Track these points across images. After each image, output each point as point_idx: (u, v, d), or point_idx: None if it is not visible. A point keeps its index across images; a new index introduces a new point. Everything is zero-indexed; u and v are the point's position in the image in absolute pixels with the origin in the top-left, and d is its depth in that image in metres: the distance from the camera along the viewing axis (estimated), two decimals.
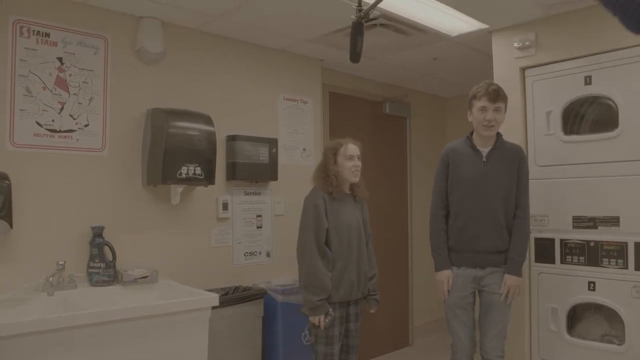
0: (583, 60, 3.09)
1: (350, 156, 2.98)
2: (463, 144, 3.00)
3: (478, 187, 2.88)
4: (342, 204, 3.00)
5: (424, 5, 3.11)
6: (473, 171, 2.91)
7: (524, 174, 2.93)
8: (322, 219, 2.89)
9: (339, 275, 2.89)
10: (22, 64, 2.72)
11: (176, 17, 3.21)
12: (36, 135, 2.76)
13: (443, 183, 3.01)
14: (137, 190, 3.14)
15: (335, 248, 2.91)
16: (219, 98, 3.55)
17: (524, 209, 2.90)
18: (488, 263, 2.86)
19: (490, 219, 2.85)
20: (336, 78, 4.61)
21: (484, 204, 2.87)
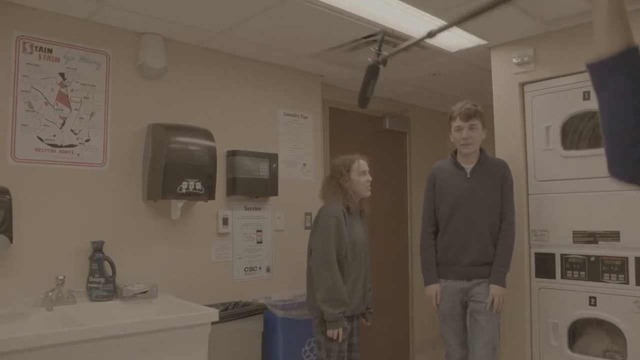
0: (581, 76, 3.10)
1: (363, 171, 3.06)
2: (448, 162, 3.16)
3: (463, 203, 3.02)
4: (355, 219, 3.08)
5: (423, 22, 3.14)
6: (458, 188, 3.05)
7: (507, 186, 3.06)
8: (344, 233, 2.94)
9: (352, 289, 2.96)
10: (25, 80, 2.74)
11: (178, 33, 3.24)
12: (37, 150, 2.77)
13: (431, 201, 3.18)
14: (137, 205, 3.14)
15: (350, 262, 2.96)
16: (219, 113, 3.56)
17: (509, 220, 3.03)
18: (473, 275, 2.99)
19: (476, 233, 2.98)
20: (336, 93, 4.64)
21: (469, 219, 3.01)
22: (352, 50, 3.65)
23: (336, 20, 3.04)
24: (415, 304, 5.33)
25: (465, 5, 2.84)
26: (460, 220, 3.02)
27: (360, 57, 3.77)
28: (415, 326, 5.34)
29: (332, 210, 2.99)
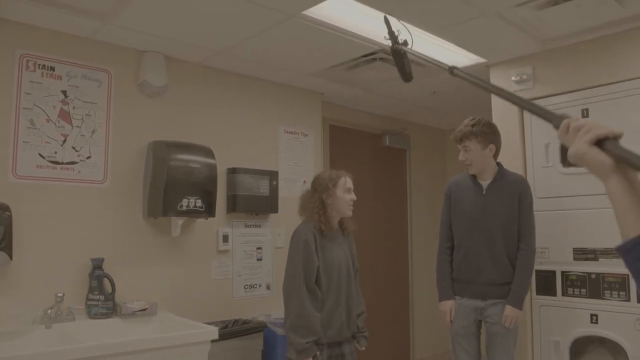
0: (580, 94, 3.14)
1: (348, 189, 2.86)
2: (465, 177, 3.08)
3: (477, 219, 2.95)
4: (332, 240, 2.84)
5: (422, 40, 3.17)
6: (473, 204, 2.98)
7: (527, 205, 2.94)
8: (312, 257, 2.71)
9: (328, 316, 2.72)
10: (27, 97, 2.77)
11: (179, 51, 3.27)
12: (38, 167, 2.78)
13: (447, 217, 3.11)
14: (137, 222, 3.14)
15: (324, 287, 2.74)
16: (220, 130, 3.58)
17: (527, 241, 2.91)
18: (488, 295, 2.90)
19: (490, 251, 2.91)
20: (336, 111, 4.66)
21: (483, 237, 2.93)
22: (352, 69, 3.68)
23: (336, 39, 3.07)
24: (416, 322, 5.30)
25: (464, 25, 2.88)
26: (475, 237, 2.94)
27: (360, 75, 3.81)
28: (416, 345, 5.30)
29: (301, 233, 2.79)
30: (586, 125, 0.94)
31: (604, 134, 0.91)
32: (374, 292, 4.75)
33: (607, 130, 0.91)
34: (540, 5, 2.72)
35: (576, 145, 0.94)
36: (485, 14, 2.77)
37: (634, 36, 2.93)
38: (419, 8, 2.70)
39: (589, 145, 0.92)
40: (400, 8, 2.70)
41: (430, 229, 5.50)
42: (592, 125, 0.93)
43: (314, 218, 2.80)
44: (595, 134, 0.92)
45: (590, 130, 0.93)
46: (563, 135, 0.99)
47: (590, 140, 0.92)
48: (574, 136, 0.95)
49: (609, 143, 0.91)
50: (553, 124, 1.03)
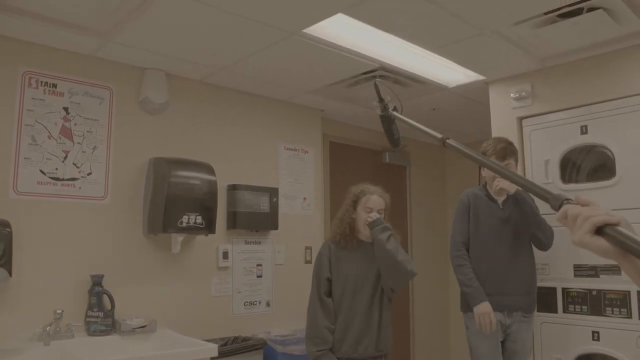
0: (578, 110, 3.15)
1: (369, 208, 2.77)
2: (480, 191, 3.09)
3: (501, 231, 2.96)
4: (353, 253, 2.78)
5: (421, 58, 3.20)
6: (494, 216, 2.99)
7: None
8: (323, 269, 2.76)
9: (341, 329, 2.67)
10: (29, 114, 2.78)
11: (180, 68, 3.29)
12: (39, 184, 2.79)
13: (464, 225, 3.02)
14: (137, 239, 3.14)
15: (337, 299, 2.71)
16: (220, 147, 3.59)
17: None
18: (515, 307, 2.89)
19: (515, 262, 2.92)
20: (336, 128, 4.68)
21: (508, 247, 2.94)
22: (352, 86, 3.71)
23: (336, 56, 3.10)
24: (416, 340, 5.27)
25: (463, 43, 2.91)
26: (498, 249, 2.92)
27: (360, 93, 3.83)
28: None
29: (322, 245, 2.88)
30: (582, 213, 0.93)
31: (601, 221, 0.90)
32: None
33: (603, 218, 0.90)
34: (538, 24, 2.75)
35: (576, 235, 0.93)
36: (484, 32, 2.80)
37: (631, 53, 2.96)
38: (418, 26, 2.73)
39: (589, 235, 0.91)
40: (400, 26, 2.73)
41: (430, 245, 5.49)
42: (589, 213, 0.92)
43: (337, 231, 2.83)
44: (592, 222, 0.90)
45: (587, 220, 0.91)
46: (562, 222, 0.98)
47: (588, 231, 0.91)
48: (573, 224, 0.95)
49: (608, 229, 0.89)
50: (550, 204, 1.02)
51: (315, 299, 2.73)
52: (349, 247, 2.79)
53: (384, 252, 2.63)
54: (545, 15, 2.66)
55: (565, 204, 0.98)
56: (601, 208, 0.94)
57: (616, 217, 0.91)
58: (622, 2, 2.48)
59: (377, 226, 2.69)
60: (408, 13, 2.56)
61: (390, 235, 2.68)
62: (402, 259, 2.62)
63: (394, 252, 2.62)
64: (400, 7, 2.49)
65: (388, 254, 2.62)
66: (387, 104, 1.77)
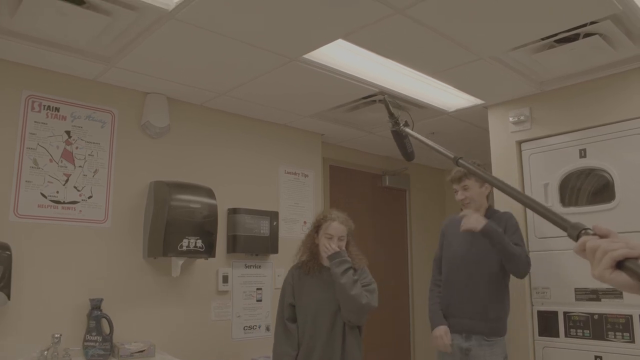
0: (577, 134, 3.17)
1: (329, 235, 2.73)
2: (456, 215, 3.16)
3: (464, 255, 3.03)
4: (315, 278, 2.78)
5: (421, 83, 3.23)
6: (462, 241, 3.06)
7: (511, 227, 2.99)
8: (286, 294, 2.81)
9: (304, 355, 2.68)
10: (32, 137, 2.80)
11: (181, 93, 3.32)
12: (40, 207, 2.79)
13: (439, 253, 3.23)
14: (137, 263, 3.13)
15: (301, 325, 2.73)
16: (221, 171, 3.61)
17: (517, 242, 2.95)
18: (473, 330, 2.92)
19: (475, 286, 2.96)
20: (336, 151, 4.71)
21: (469, 272, 3.00)
22: (352, 110, 3.74)
23: (336, 81, 3.13)
24: None
25: (461, 68, 2.94)
26: (461, 273, 3.01)
27: (360, 117, 3.86)
28: None
29: (288, 273, 2.92)
30: (600, 247, 0.90)
31: (621, 255, 0.87)
32: (373, 334, 4.69)
33: (623, 252, 0.87)
34: (535, 49, 2.79)
35: (597, 270, 0.90)
36: (482, 58, 2.83)
37: (628, 77, 2.99)
38: (417, 52, 2.76)
39: (610, 271, 0.89)
40: (399, 52, 2.77)
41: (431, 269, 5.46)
42: (608, 246, 0.89)
43: (299, 256, 2.88)
44: (612, 257, 0.88)
45: (606, 254, 0.89)
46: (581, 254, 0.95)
47: (608, 266, 0.89)
48: (592, 258, 0.92)
49: (629, 263, 0.87)
50: (568, 234, 0.98)
51: (279, 325, 2.78)
52: (311, 273, 2.80)
53: (338, 286, 2.62)
54: (543, 41, 2.70)
55: (583, 235, 0.94)
56: (620, 239, 0.91)
57: (637, 249, 0.88)
58: (617, 28, 2.52)
59: (334, 259, 2.67)
60: (407, 39, 2.60)
61: (346, 269, 2.64)
62: (355, 293, 2.59)
63: (348, 286, 2.59)
64: (399, 33, 2.52)
65: (342, 288, 2.61)
66: (398, 119, 1.79)
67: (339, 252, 2.69)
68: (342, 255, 2.69)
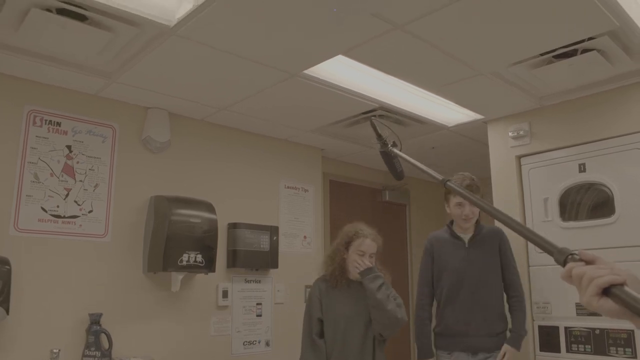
0: (576, 149, 3.19)
1: (362, 252, 2.74)
2: (444, 232, 3.13)
3: (464, 273, 2.96)
4: (344, 292, 2.77)
5: (420, 98, 3.25)
6: (457, 258, 2.99)
7: (506, 250, 3.00)
8: (314, 309, 2.76)
9: None
10: (33, 152, 2.81)
11: (182, 108, 3.34)
12: (40, 221, 2.80)
13: (429, 274, 3.08)
14: (137, 277, 3.12)
15: (329, 340, 2.69)
16: (221, 185, 3.61)
17: (516, 287, 2.96)
18: (480, 348, 2.87)
19: (479, 303, 2.91)
20: (336, 166, 4.71)
21: (471, 289, 2.93)
22: (352, 125, 3.75)
23: (336, 97, 3.15)
24: None
25: (461, 83, 2.96)
26: (464, 291, 2.93)
27: (360, 132, 3.88)
28: None
29: (313, 285, 2.88)
30: (586, 274, 0.90)
31: (606, 282, 0.87)
32: None
33: (608, 279, 0.87)
34: (534, 65, 2.81)
35: (584, 298, 0.90)
36: (482, 73, 2.85)
37: (626, 92, 3.01)
38: (416, 67, 2.78)
39: (596, 298, 0.88)
40: (398, 67, 2.79)
41: None
42: (593, 273, 0.89)
43: (328, 270, 2.83)
44: (597, 285, 0.88)
45: (591, 281, 0.89)
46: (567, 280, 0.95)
47: (595, 293, 0.88)
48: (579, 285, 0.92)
49: (615, 289, 0.86)
50: (554, 259, 0.98)
51: (307, 341, 2.72)
52: (339, 287, 2.78)
53: (375, 301, 2.62)
54: (542, 57, 2.72)
55: (570, 260, 0.94)
56: (607, 263, 0.92)
57: (622, 275, 0.88)
58: (614, 44, 2.54)
59: (368, 275, 2.68)
60: (406, 55, 2.62)
61: (381, 285, 2.65)
62: (391, 308, 2.60)
63: (384, 302, 2.60)
64: (399, 49, 2.54)
65: (378, 304, 2.61)
66: (386, 140, 1.79)
67: (371, 267, 2.70)
68: (375, 270, 2.70)
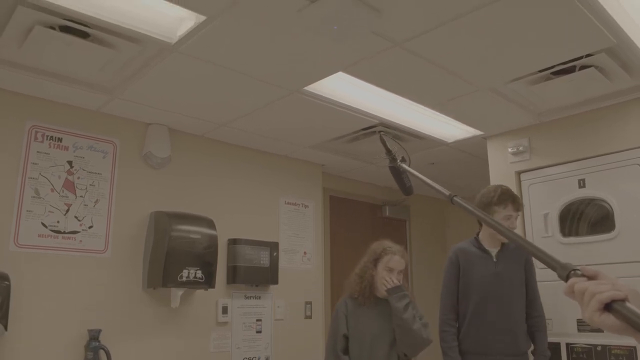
0: (576, 164, 3.20)
1: (390, 268, 2.76)
2: (471, 244, 2.98)
3: (492, 288, 2.84)
4: (371, 310, 2.77)
5: (420, 114, 3.26)
6: (486, 272, 2.87)
7: (532, 269, 2.93)
8: (340, 325, 2.75)
9: None
10: (34, 167, 2.82)
11: (183, 124, 3.36)
12: (40, 236, 2.79)
13: (454, 286, 2.95)
14: (137, 293, 3.11)
15: (355, 357, 2.69)
16: (221, 201, 3.62)
17: (537, 306, 2.89)
18: None
19: (507, 320, 2.81)
20: (336, 182, 4.72)
21: (500, 306, 2.83)
22: (352, 141, 3.77)
23: (336, 113, 3.16)
24: None
25: (460, 100, 2.98)
26: (491, 307, 2.82)
27: (360, 147, 3.89)
28: None
29: (339, 302, 2.87)
30: (588, 290, 0.91)
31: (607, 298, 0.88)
32: None
33: (609, 294, 0.88)
34: (533, 81, 2.83)
35: (586, 314, 0.91)
36: (481, 90, 2.87)
37: (625, 108, 3.03)
38: (416, 84, 2.80)
39: (598, 314, 0.89)
40: (398, 84, 2.81)
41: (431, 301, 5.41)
42: (594, 289, 0.90)
43: (355, 288, 2.81)
44: (599, 300, 0.88)
45: (593, 297, 0.89)
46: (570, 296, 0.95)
47: (596, 309, 0.89)
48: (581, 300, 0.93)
49: (616, 305, 0.87)
50: (557, 274, 0.99)
51: (331, 356, 2.72)
52: (366, 304, 2.78)
53: (400, 320, 2.63)
54: (540, 73, 2.74)
55: (572, 276, 0.95)
56: (609, 279, 0.92)
57: (624, 290, 0.88)
58: (612, 61, 2.56)
59: (395, 293, 2.69)
60: (406, 71, 2.64)
61: (407, 304, 2.67)
62: (417, 327, 2.61)
63: (410, 321, 2.61)
64: (398, 65, 2.56)
65: (404, 323, 2.62)
66: (395, 155, 1.79)
67: (399, 286, 2.71)
68: (403, 289, 2.71)
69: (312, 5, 2.02)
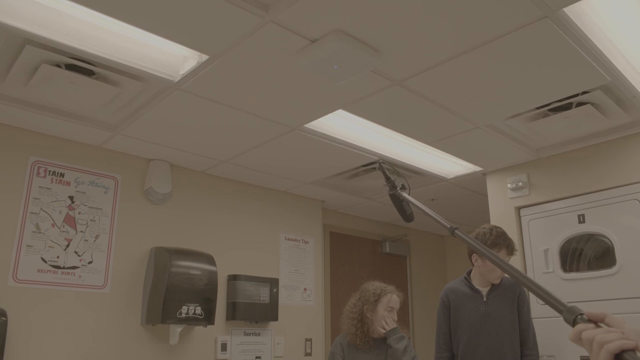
0: (575, 200, 3.21)
1: (391, 308, 2.81)
2: (461, 284, 2.99)
3: (482, 327, 2.84)
4: (368, 353, 2.76)
5: (420, 151, 3.29)
6: (475, 312, 2.87)
7: (525, 308, 2.89)
8: None
9: None
10: (35, 202, 2.83)
11: (184, 160, 3.38)
12: (40, 271, 2.79)
13: (445, 326, 2.97)
14: (135, 329, 3.08)
15: None
16: (222, 237, 3.61)
17: (531, 345, 2.84)
18: None
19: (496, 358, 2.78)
20: (336, 218, 4.72)
21: (489, 345, 2.81)
22: (352, 177, 3.79)
23: (336, 150, 3.19)
24: None
25: (459, 136, 3.01)
26: (480, 346, 2.81)
27: (360, 184, 3.91)
28: None
29: (334, 345, 2.84)
30: (596, 339, 0.89)
31: (617, 348, 0.86)
32: None
33: (619, 344, 0.86)
34: (530, 118, 2.87)
35: None
36: (479, 126, 2.91)
37: (622, 143, 3.06)
38: (415, 121, 2.84)
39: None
40: (397, 121, 2.84)
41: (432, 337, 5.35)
42: (603, 339, 0.88)
43: (350, 330, 2.79)
44: (609, 351, 0.87)
45: (602, 347, 0.88)
46: (577, 342, 0.94)
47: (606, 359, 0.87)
48: (589, 349, 0.91)
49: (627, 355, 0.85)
50: (563, 318, 0.97)
51: None
52: (364, 347, 2.76)
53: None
54: (537, 110, 2.79)
55: (579, 321, 0.94)
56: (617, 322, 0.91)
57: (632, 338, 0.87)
58: (607, 97, 2.60)
59: (394, 334, 2.71)
60: (405, 109, 2.68)
61: (406, 347, 2.69)
62: None
63: None
64: (398, 103, 2.60)
65: None
66: (395, 183, 1.81)
67: (397, 327, 2.75)
68: (399, 331, 2.75)
69: (312, 45, 2.06)
